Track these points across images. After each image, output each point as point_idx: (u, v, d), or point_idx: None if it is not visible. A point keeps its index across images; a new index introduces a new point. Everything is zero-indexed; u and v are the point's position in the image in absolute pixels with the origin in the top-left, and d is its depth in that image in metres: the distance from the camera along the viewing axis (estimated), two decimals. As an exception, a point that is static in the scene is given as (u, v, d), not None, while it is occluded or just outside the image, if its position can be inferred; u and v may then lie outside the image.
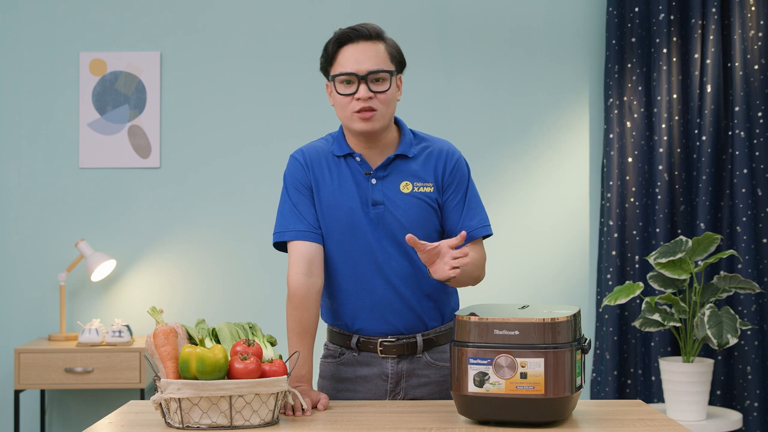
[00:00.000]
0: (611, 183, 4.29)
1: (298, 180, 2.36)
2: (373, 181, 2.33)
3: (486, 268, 2.41)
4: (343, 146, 2.36)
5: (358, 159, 2.34)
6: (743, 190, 4.20)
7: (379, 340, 2.35)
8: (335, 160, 2.36)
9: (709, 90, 4.21)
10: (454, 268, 2.10)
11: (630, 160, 4.31)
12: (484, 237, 2.41)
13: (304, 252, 2.31)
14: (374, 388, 2.37)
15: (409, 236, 2.12)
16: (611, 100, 4.32)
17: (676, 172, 4.29)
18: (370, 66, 2.27)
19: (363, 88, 2.26)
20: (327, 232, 2.34)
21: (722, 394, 4.24)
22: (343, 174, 2.34)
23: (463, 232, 2.11)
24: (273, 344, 2.19)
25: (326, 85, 2.36)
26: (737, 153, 4.22)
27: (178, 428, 2.00)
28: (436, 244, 2.13)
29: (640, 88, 4.32)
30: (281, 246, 2.40)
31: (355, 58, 2.27)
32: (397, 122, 2.40)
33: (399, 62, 2.34)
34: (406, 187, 2.34)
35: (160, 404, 2.02)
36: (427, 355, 2.38)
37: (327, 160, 2.36)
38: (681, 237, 3.91)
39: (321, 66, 2.35)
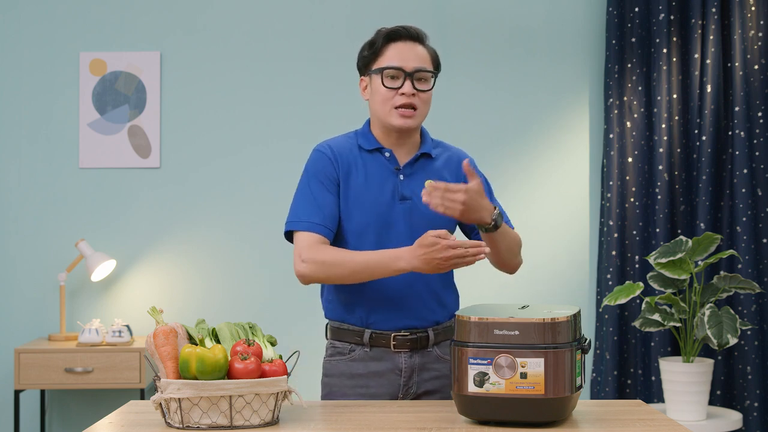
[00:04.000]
0: (611, 183, 4.29)
1: (324, 172, 2.37)
2: (401, 177, 2.38)
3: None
4: (371, 141, 2.41)
5: (387, 155, 2.40)
6: (743, 190, 4.20)
7: (393, 334, 2.37)
8: (362, 154, 2.40)
9: (709, 90, 4.21)
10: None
11: (630, 160, 4.31)
12: None
13: (311, 241, 2.30)
14: (387, 383, 2.38)
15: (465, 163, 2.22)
16: (611, 100, 4.32)
17: (676, 172, 4.29)
18: (416, 64, 2.36)
19: (408, 84, 2.34)
20: (351, 224, 2.36)
21: (722, 394, 4.24)
22: (371, 168, 2.38)
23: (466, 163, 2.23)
24: (273, 344, 2.19)
25: (361, 80, 2.43)
26: (737, 153, 4.22)
27: (178, 428, 2.00)
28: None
29: (640, 88, 4.32)
30: (292, 236, 2.39)
31: (403, 54, 2.36)
32: None
33: (437, 67, 2.44)
34: None
35: (160, 404, 2.02)
36: (437, 349, 2.42)
37: (353, 153, 2.40)
38: (681, 237, 3.91)
39: (361, 60, 2.41)
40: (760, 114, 4.23)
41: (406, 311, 2.37)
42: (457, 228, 2.52)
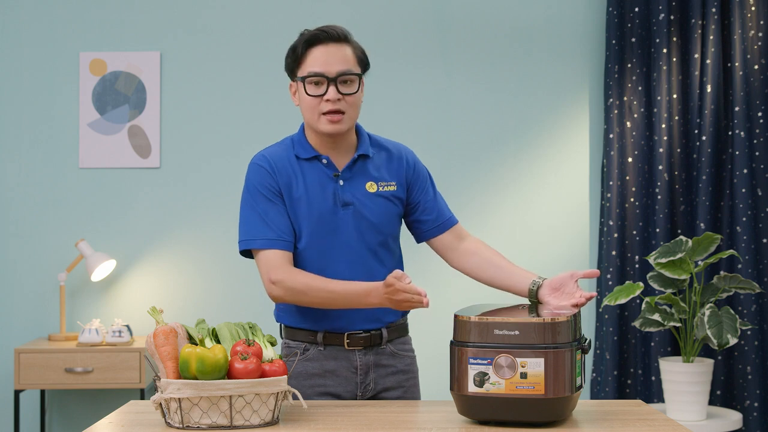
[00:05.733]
0: (611, 183, 4.29)
1: (266, 186, 2.35)
2: (341, 182, 2.36)
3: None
4: (307, 149, 2.38)
5: (324, 161, 2.37)
6: (743, 190, 4.20)
7: (346, 332, 2.38)
8: (299, 163, 2.37)
9: (709, 90, 4.21)
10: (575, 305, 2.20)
11: (630, 160, 4.31)
12: None
13: (280, 256, 2.31)
14: (344, 381, 2.39)
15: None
16: (611, 100, 4.32)
17: (676, 172, 4.29)
18: (339, 68, 2.31)
19: (332, 89, 2.30)
20: (297, 234, 2.35)
21: (722, 394, 4.24)
22: (310, 176, 2.36)
23: (596, 271, 2.27)
24: (273, 344, 2.19)
25: (290, 85, 2.39)
26: (737, 153, 4.22)
27: (178, 428, 2.00)
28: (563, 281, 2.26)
29: (640, 88, 4.32)
30: (248, 253, 2.40)
31: (324, 59, 2.30)
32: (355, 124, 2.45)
33: (364, 65, 2.39)
34: (371, 186, 2.39)
35: (160, 404, 2.02)
36: (391, 346, 2.43)
37: (291, 163, 2.37)
38: (681, 237, 3.91)
39: (287, 66, 2.38)
40: (760, 114, 4.23)
41: (357, 315, 2.37)
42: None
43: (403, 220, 2.50)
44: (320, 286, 2.27)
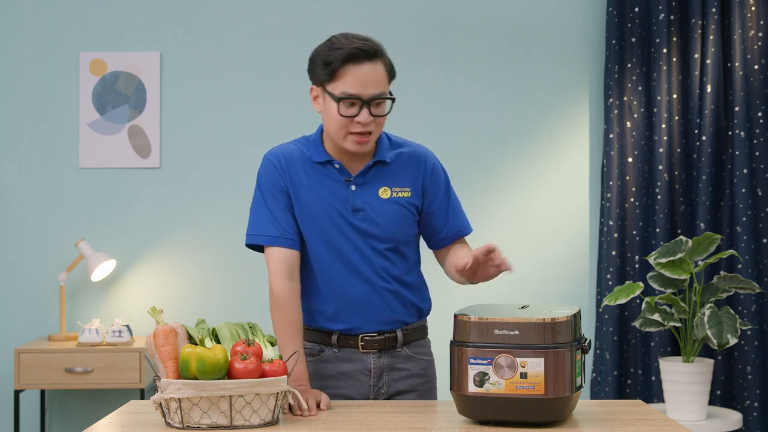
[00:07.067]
0: (611, 183, 4.29)
1: (274, 184, 2.35)
2: (353, 187, 2.34)
3: None
4: (321, 153, 2.35)
5: (337, 166, 2.34)
6: (743, 190, 4.20)
7: (360, 335, 2.37)
8: (312, 165, 2.35)
9: (709, 90, 4.21)
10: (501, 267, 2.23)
11: (630, 160, 4.31)
12: None
13: (284, 258, 2.32)
14: (357, 383, 2.38)
15: (464, 263, 2.23)
16: (611, 100, 4.32)
17: (676, 172, 4.29)
18: (374, 90, 2.25)
19: (365, 112, 2.25)
20: (306, 235, 2.35)
21: (722, 394, 4.24)
22: (322, 180, 2.34)
23: (491, 245, 2.21)
24: (273, 344, 2.19)
25: (311, 88, 2.34)
26: (737, 153, 4.22)
27: (178, 428, 2.00)
28: (468, 260, 2.23)
29: (640, 88, 4.32)
30: (253, 246, 2.41)
31: (360, 80, 2.23)
32: None
33: (393, 77, 2.33)
34: (384, 192, 2.36)
35: (160, 404, 2.02)
36: (406, 349, 2.41)
37: (303, 164, 2.35)
38: (681, 237, 3.91)
39: (316, 73, 2.31)
40: (760, 114, 4.23)
41: (371, 318, 2.36)
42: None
43: (422, 233, 2.47)
44: (279, 335, 2.28)
